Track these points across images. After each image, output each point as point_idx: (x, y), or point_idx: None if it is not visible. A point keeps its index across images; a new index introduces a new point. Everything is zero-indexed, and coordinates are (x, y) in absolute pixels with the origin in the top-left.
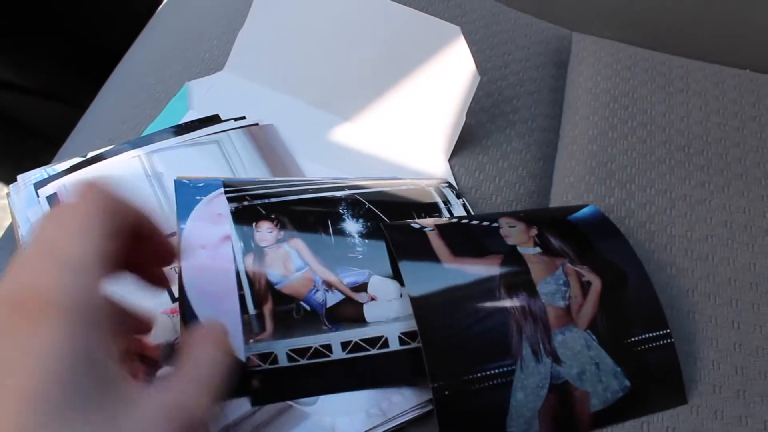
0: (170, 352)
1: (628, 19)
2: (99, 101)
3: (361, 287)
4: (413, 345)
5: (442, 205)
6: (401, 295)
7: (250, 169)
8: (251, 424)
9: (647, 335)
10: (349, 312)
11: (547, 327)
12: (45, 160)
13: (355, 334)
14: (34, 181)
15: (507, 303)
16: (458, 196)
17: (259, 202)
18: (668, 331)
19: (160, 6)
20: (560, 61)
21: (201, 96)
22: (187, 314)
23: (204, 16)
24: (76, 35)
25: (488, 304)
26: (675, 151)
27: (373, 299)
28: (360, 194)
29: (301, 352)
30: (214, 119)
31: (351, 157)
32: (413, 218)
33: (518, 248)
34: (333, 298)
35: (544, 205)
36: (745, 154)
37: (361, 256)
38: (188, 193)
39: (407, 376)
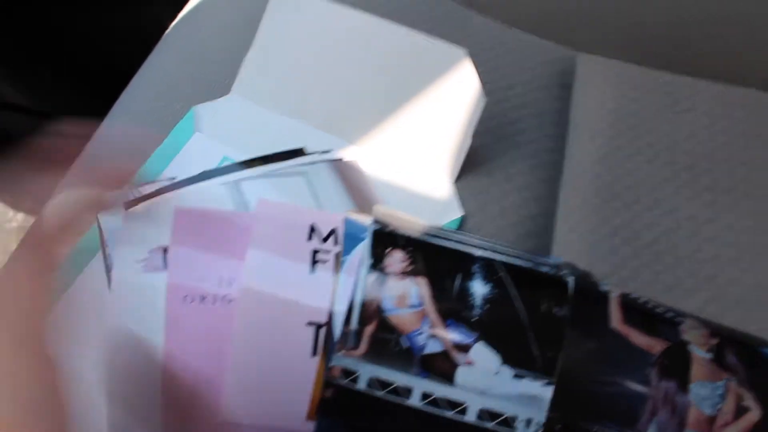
0: None
1: (634, 39)
2: (107, 124)
3: (464, 348)
4: (489, 425)
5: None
6: (497, 373)
7: (336, 202)
8: None
9: None
10: (442, 366)
11: (682, 423)
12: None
13: (439, 390)
14: None
15: (653, 382)
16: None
17: (402, 233)
18: None
19: (168, 29)
20: (565, 83)
21: (208, 119)
22: None
23: (212, 39)
24: (85, 58)
25: (635, 374)
26: (681, 171)
27: (469, 363)
28: (499, 261)
29: (383, 384)
30: (298, 152)
31: None
32: (541, 307)
33: (689, 345)
34: (433, 347)
35: (548, 228)
36: (752, 174)
37: (475, 319)
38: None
39: None
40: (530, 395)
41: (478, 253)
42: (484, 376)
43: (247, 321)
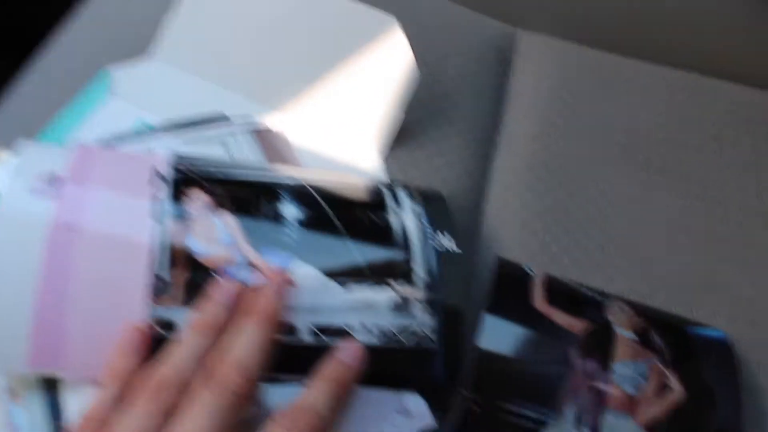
0: None
1: (575, 18)
2: (19, 86)
3: None
4: (326, 340)
5: (391, 207)
6: (323, 286)
7: None
8: None
9: None
10: None
11: (603, 402)
12: None
13: None
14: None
15: (574, 361)
16: (411, 197)
17: (200, 173)
18: None
19: None
20: (504, 59)
21: (124, 82)
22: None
23: (132, 1)
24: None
25: (555, 354)
26: (617, 150)
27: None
28: (307, 182)
29: None
30: (220, 119)
31: None
32: (358, 216)
33: (614, 325)
34: (251, 277)
35: (480, 204)
36: (686, 155)
37: (290, 240)
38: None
39: (310, 372)
40: (363, 302)
41: (286, 180)
42: (310, 294)
43: (87, 264)
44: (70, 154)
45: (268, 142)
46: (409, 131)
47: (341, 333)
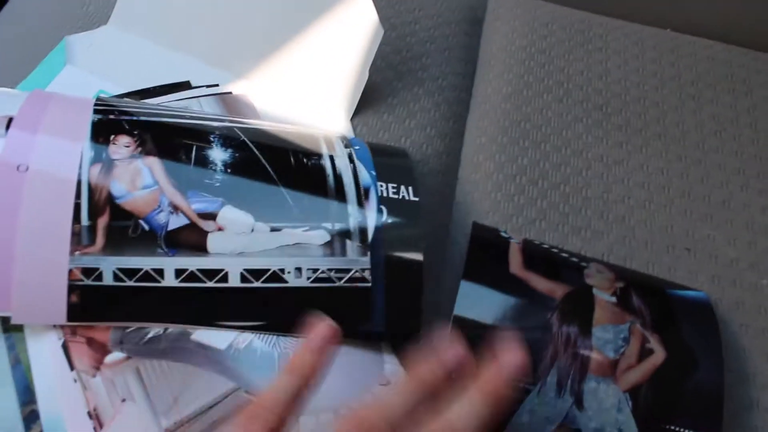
0: (121, 336)
1: None
2: None
3: (211, 216)
4: (256, 284)
5: (325, 154)
6: (253, 230)
7: None
8: (207, 420)
9: None
10: (190, 238)
11: (584, 368)
12: None
13: (192, 263)
14: None
15: (554, 327)
16: (346, 146)
17: (126, 118)
18: None
19: None
20: (475, 18)
21: (82, 51)
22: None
23: None
24: None
25: (534, 320)
26: (592, 110)
27: (220, 229)
28: (239, 128)
29: (130, 272)
30: (183, 86)
31: None
32: (290, 160)
33: (594, 289)
34: (176, 222)
35: (453, 167)
36: (663, 114)
37: (219, 185)
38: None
39: (245, 318)
40: (293, 245)
41: (220, 127)
42: (238, 238)
43: (25, 204)
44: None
45: (232, 107)
46: (378, 95)
47: (273, 276)
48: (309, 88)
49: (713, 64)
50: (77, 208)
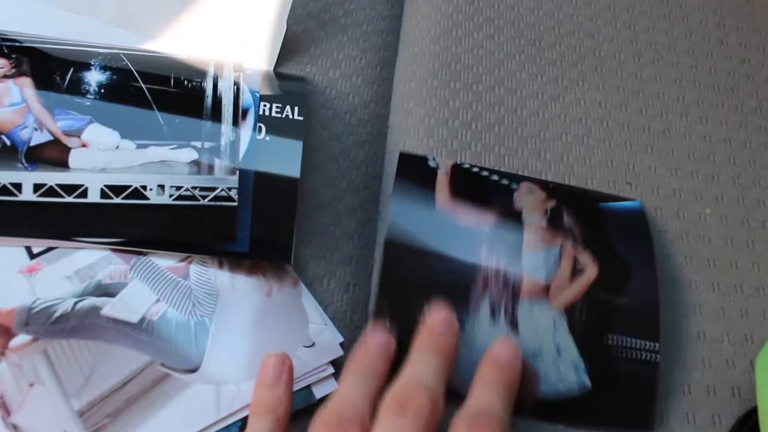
0: (27, 317)
1: None
2: None
3: (76, 133)
4: (116, 200)
5: (210, 76)
6: (118, 147)
7: None
8: (122, 398)
9: (630, 341)
10: (52, 154)
11: (515, 294)
12: None
13: (51, 178)
14: None
15: (482, 258)
16: (236, 71)
17: (7, 44)
18: (657, 345)
19: None
20: None
21: None
22: None
23: None
24: None
25: (462, 254)
26: (525, 46)
27: (84, 146)
28: (126, 54)
29: None
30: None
31: None
32: (170, 84)
33: (523, 214)
34: (39, 138)
35: (383, 115)
36: (599, 45)
37: (89, 104)
38: None
39: (105, 235)
40: (159, 162)
41: (104, 51)
42: (101, 155)
43: None
44: None
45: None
46: (299, 46)
47: (135, 193)
48: (223, 45)
49: None
50: None
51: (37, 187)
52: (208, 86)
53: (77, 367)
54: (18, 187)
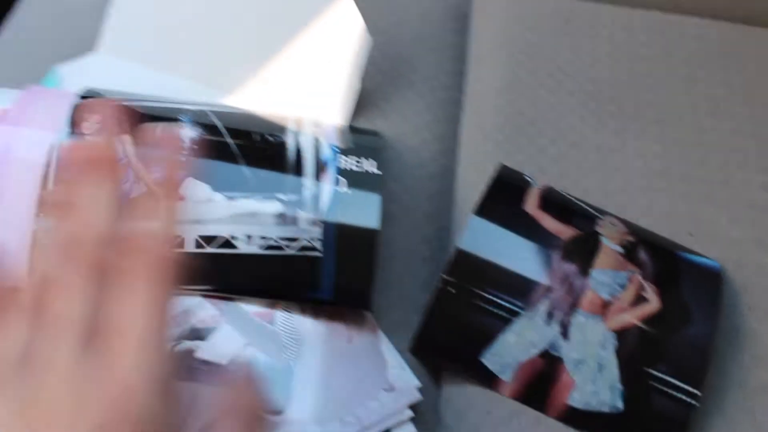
0: None
1: None
2: None
3: None
4: (208, 250)
5: (290, 132)
6: (210, 200)
7: None
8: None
9: (673, 380)
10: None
11: (575, 304)
12: None
13: None
14: None
15: (554, 263)
16: (316, 127)
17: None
18: (698, 394)
19: None
20: (460, 14)
21: (73, 79)
22: None
23: None
24: None
25: (536, 253)
26: (585, 99)
27: (181, 199)
28: (212, 111)
29: None
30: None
31: None
32: (254, 139)
33: (601, 237)
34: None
35: (450, 168)
36: (657, 98)
37: (182, 158)
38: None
39: (197, 282)
40: (246, 213)
41: (190, 107)
42: (195, 207)
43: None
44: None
45: None
46: (369, 101)
47: (225, 243)
48: (299, 101)
49: (704, 43)
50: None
51: None
52: (290, 141)
53: None
54: None
